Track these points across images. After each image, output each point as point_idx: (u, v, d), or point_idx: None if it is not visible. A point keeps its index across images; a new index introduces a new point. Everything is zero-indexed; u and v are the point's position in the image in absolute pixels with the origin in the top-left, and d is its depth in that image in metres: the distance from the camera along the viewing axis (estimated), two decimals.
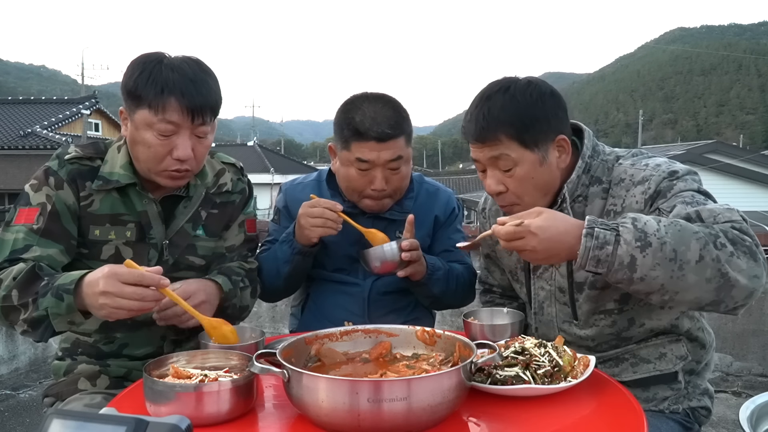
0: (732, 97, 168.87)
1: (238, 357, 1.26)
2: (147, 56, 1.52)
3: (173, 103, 1.46)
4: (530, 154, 1.44)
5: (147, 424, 0.66)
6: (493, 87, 1.48)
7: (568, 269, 1.54)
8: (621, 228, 1.23)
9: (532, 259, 1.33)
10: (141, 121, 1.48)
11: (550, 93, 1.47)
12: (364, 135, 1.74)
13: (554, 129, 1.46)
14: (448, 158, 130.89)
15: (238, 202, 1.77)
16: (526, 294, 1.68)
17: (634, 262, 1.21)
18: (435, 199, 2.01)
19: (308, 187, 2.01)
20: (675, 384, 1.55)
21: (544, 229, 1.27)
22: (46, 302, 1.33)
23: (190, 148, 1.51)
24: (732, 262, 1.21)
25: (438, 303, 1.98)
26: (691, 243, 1.20)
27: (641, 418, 1.12)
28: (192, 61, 1.53)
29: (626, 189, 1.46)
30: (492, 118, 1.43)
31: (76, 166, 1.57)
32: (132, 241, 1.59)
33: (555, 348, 1.31)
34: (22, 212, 1.53)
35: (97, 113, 29.11)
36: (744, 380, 3.88)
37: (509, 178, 1.47)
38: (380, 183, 1.78)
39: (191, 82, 1.47)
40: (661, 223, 1.23)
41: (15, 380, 4.13)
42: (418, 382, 1.02)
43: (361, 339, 1.36)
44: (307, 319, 1.99)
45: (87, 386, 1.61)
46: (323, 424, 1.06)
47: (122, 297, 1.25)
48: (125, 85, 1.50)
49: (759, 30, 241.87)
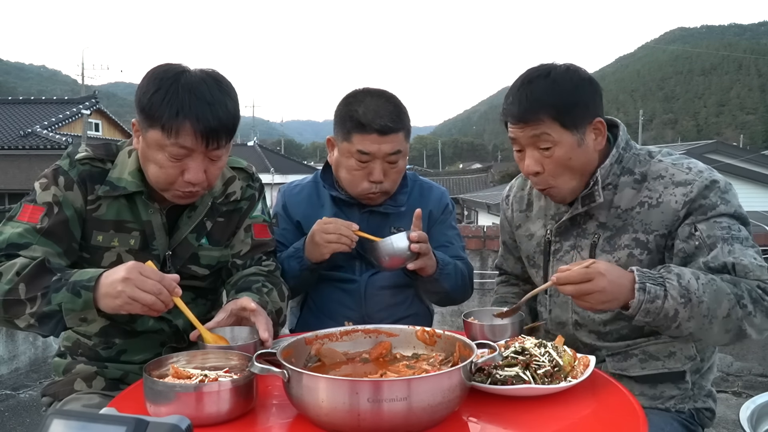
0: (732, 97, 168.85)
1: (238, 357, 1.26)
2: (164, 71, 1.45)
3: (187, 128, 1.40)
4: (569, 136, 1.50)
5: (147, 424, 0.66)
6: (533, 72, 1.55)
7: (590, 253, 1.59)
8: (667, 284, 1.37)
9: (597, 301, 1.36)
10: (153, 141, 1.44)
11: (589, 79, 1.55)
12: (367, 127, 1.78)
13: (592, 112, 1.53)
14: (448, 158, 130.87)
15: (246, 208, 1.73)
16: (543, 278, 1.71)
17: (677, 315, 1.37)
18: (429, 195, 2.03)
19: (305, 189, 2.03)
20: (682, 384, 1.56)
21: (609, 272, 1.35)
22: (59, 297, 1.31)
23: (202, 171, 1.47)
24: (750, 319, 1.38)
25: (446, 299, 1.97)
26: (723, 302, 1.37)
27: (641, 418, 1.12)
28: (211, 79, 1.46)
29: (665, 186, 1.53)
30: (534, 100, 1.50)
31: (87, 167, 1.55)
32: (135, 250, 1.56)
33: (555, 348, 1.31)
34: (26, 209, 1.51)
35: (97, 113, 29.08)
36: (744, 380, 3.89)
37: (547, 159, 1.53)
38: (378, 175, 1.81)
39: (208, 106, 1.41)
40: (699, 281, 1.37)
41: (15, 380, 4.13)
42: (418, 382, 1.02)
43: (361, 339, 1.36)
44: (306, 316, 2.01)
45: (83, 387, 1.60)
46: (323, 424, 1.06)
47: (141, 288, 1.26)
48: (139, 101, 1.44)
49: (759, 30, 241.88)
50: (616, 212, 1.57)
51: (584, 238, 1.62)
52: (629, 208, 1.56)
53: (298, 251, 1.83)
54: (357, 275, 1.93)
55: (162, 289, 1.28)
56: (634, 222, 1.55)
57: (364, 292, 1.93)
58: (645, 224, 1.53)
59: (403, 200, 1.96)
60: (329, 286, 1.95)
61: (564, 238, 1.67)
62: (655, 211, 1.52)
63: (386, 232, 1.90)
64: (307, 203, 1.99)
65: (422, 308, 2.06)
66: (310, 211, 1.97)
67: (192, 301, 1.69)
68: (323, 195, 1.98)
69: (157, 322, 1.62)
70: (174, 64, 1.49)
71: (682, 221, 1.49)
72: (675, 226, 1.50)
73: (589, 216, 1.61)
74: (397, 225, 1.93)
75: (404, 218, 1.94)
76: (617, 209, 1.57)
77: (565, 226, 1.65)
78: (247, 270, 1.70)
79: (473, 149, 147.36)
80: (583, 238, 1.62)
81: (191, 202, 1.60)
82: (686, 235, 1.48)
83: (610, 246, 1.57)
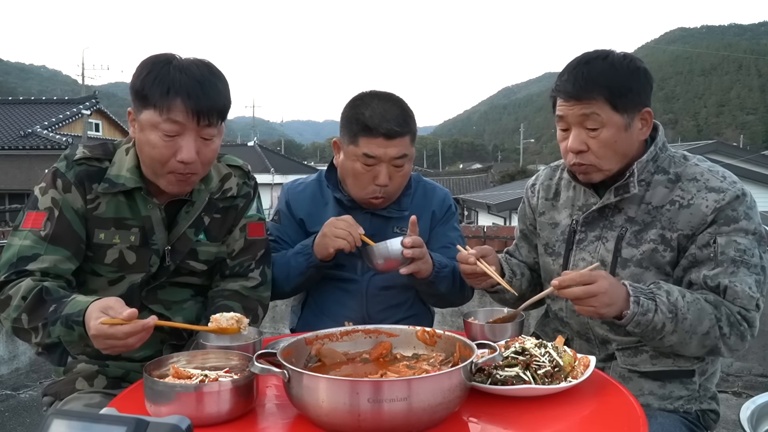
0: (732, 98, 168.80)
1: (238, 357, 1.26)
2: (156, 57, 1.50)
3: (179, 104, 1.44)
4: (618, 118, 1.52)
5: (147, 425, 0.66)
6: (590, 54, 1.58)
7: (616, 245, 1.60)
8: (658, 299, 1.45)
9: (601, 303, 1.41)
10: (146, 122, 1.47)
11: (644, 69, 1.57)
12: (373, 131, 1.77)
13: (642, 101, 1.56)
14: (449, 158, 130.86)
15: (242, 206, 1.75)
16: (561, 266, 1.71)
17: (663, 328, 1.46)
18: (432, 196, 2.03)
19: (309, 187, 2.03)
20: (690, 384, 1.58)
21: (611, 277, 1.45)
22: (57, 331, 1.33)
23: (195, 150, 1.48)
24: (724, 340, 1.49)
25: (442, 301, 1.98)
26: (704, 321, 1.46)
27: (641, 418, 1.12)
28: (202, 63, 1.51)
29: (698, 189, 1.55)
30: (590, 79, 1.52)
31: (84, 167, 1.56)
32: (135, 246, 1.58)
33: (555, 348, 1.31)
34: (29, 216, 1.52)
35: (97, 113, 29.09)
36: (744, 380, 3.89)
37: (593, 139, 1.54)
38: (384, 178, 1.81)
39: (198, 84, 1.45)
40: (685, 299, 1.47)
41: (15, 380, 4.13)
42: (419, 383, 1.02)
43: (362, 339, 1.36)
44: (307, 316, 2.01)
45: (84, 386, 1.61)
46: (323, 425, 1.06)
47: (110, 347, 1.26)
48: (133, 85, 1.48)
49: (759, 30, 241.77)
50: (647, 208, 1.59)
51: (611, 230, 1.63)
52: (660, 206, 1.58)
53: (306, 248, 1.84)
54: (359, 275, 1.93)
55: (134, 331, 1.24)
56: (663, 219, 1.56)
57: (366, 292, 1.93)
58: (672, 222, 1.55)
59: (407, 203, 1.96)
60: (331, 286, 1.95)
61: (590, 229, 1.67)
62: (684, 211, 1.54)
63: (389, 233, 1.90)
64: (311, 201, 1.99)
65: (423, 309, 2.05)
66: (313, 210, 1.97)
67: (191, 298, 1.71)
68: (327, 195, 1.98)
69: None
70: (165, 52, 1.53)
71: (707, 226, 1.51)
72: (699, 230, 1.52)
73: (618, 209, 1.62)
74: (400, 226, 1.93)
75: (406, 219, 1.93)
76: (648, 205, 1.59)
77: (592, 216, 1.66)
78: (230, 285, 1.72)
79: (473, 149, 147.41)
80: (609, 230, 1.63)
81: (187, 190, 1.61)
82: (703, 243, 1.51)
83: (637, 240, 1.59)
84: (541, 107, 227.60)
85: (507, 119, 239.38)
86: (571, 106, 1.55)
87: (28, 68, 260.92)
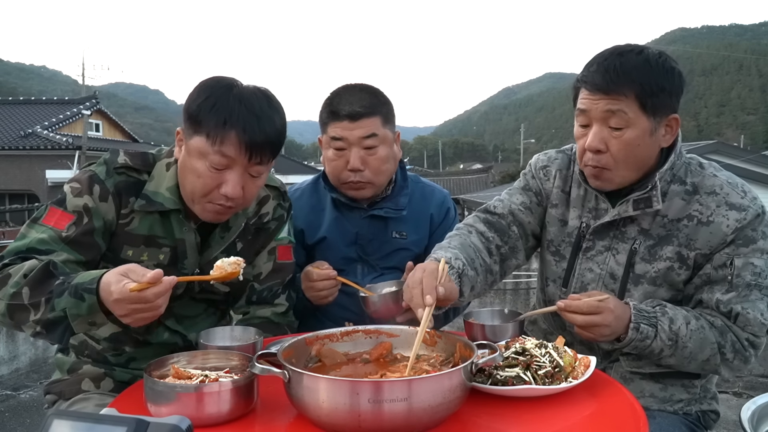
0: (733, 98, 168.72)
1: (239, 357, 1.26)
2: (217, 81, 1.44)
3: (233, 137, 1.38)
4: (645, 120, 1.42)
5: (148, 425, 0.66)
6: (625, 47, 1.47)
7: (628, 260, 1.53)
8: (659, 326, 1.42)
9: (600, 334, 1.40)
10: (195, 148, 1.41)
11: (679, 71, 1.47)
12: (337, 114, 1.82)
13: (672, 106, 1.46)
14: (449, 158, 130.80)
15: (273, 228, 1.70)
16: (564, 271, 1.64)
17: (661, 353, 1.45)
18: (431, 198, 2.02)
19: (306, 192, 2.03)
20: (691, 387, 1.57)
21: (617, 309, 1.40)
22: (63, 302, 1.25)
23: (241, 186, 1.43)
24: (727, 363, 1.46)
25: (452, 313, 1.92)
26: (705, 350, 1.44)
27: (642, 418, 1.12)
28: (262, 94, 1.45)
29: (717, 204, 1.47)
30: (623, 72, 1.41)
31: (123, 177, 1.50)
32: (163, 265, 1.50)
33: (555, 348, 1.31)
34: (54, 212, 1.45)
35: (97, 114, 29.07)
36: (745, 381, 3.89)
37: (615, 139, 1.44)
38: (355, 161, 1.82)
39: (256, 118, 1.40)
40: (689, 327, 1.43)
41: (15, 380, 4.14)
42: (419, 383, 1.02)
43: (362, 339, 1.36)
44: (307, 317, 1.99)
45: (91, 387, 1.59)
46: (323, 425, 1.05)
47: (137, 312, 1.22)
48: (188, 108, 1.43)
49: (760, 30, 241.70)
50: (662, 221, 1.51)
51: (622, 241, 1.54)
52: (676, 219, 1.50)
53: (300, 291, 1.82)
54: (358, 279, 1.93)
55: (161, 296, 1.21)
56: (680, 235, 1.49)
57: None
58: (690, 239, 1.48)
59: (404, 203, 1.94)
60: None
61: (599, 237, 1.58)
62: (704, 229, 1.46)
63: (387, 236, 1.89)
64: (309, 209, 1.98)
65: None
66: (312, 218, 1.97)
67: (203, 312, 1.68)
68: (324, 198, 1.98)
69: (172, 336, 1.61)
70: (226, 76, 1.47)
71: (726, 246, 1.45)
72: (717, 249, 1.46)
73: (630, 219, 1.53)
74: (399, 229, 1.92)
75: (405, 222, 1.93)
76: (663, 218, 1.51)
77: (602, 224, 1.56)
78: (260, 312, 1.69)
79: (474, 149, 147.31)
80: (621, 241, 1.55)
81: (220, 221, 1.55)
82: (720, 264, 1.46)
83: (651, 255, 1.51)
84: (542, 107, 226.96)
85: (507, 119, 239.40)
86: (596, 99, 1.43)
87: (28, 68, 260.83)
